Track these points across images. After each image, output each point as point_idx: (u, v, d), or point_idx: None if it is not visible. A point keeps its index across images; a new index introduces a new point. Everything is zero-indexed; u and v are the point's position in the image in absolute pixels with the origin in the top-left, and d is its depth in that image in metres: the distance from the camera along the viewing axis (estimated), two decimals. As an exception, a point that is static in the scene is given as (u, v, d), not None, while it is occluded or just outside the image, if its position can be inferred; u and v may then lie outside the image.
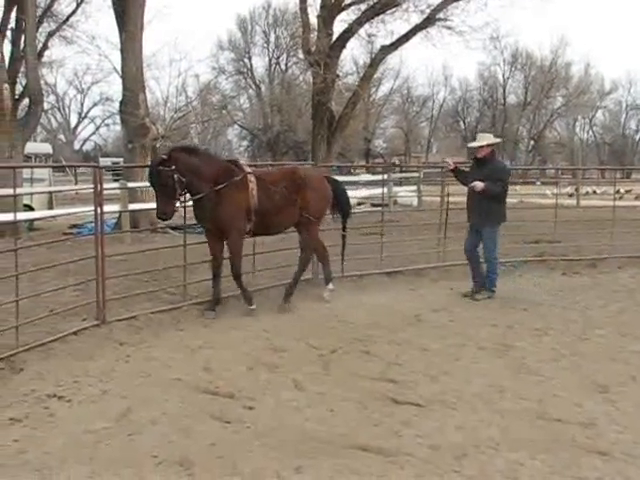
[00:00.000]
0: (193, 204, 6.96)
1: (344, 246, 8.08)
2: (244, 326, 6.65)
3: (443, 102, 62.15)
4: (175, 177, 6.52)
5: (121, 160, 27.00)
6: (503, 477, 3.65)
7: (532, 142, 59.84)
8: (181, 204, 6.84)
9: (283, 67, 52.85)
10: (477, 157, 7.99)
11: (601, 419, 4.40)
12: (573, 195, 23.80)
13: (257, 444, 4.00)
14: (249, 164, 7.88)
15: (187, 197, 6.89)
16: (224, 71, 50.61)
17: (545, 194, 21.62)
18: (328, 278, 7.86)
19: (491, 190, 7.68)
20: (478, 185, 7.69)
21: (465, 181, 8.01)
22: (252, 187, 7.00)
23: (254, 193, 6.99)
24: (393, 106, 58.90)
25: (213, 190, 6.77)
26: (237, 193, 6.90)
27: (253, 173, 7.17)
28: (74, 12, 21.90)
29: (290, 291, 7.44)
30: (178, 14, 61.22)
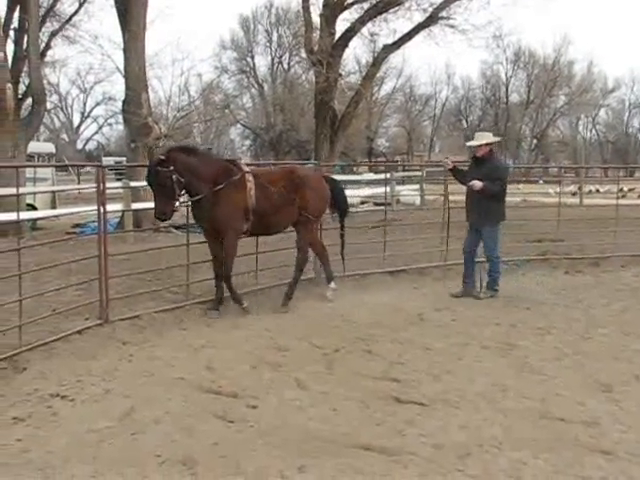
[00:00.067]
0: (191, 204, 6.96)
1: (343, 245, 8.06)
2: (247, 325, 6.65)
3: (446, 101, 62.16)
4: (174, 177, 6.49)
5: (124, 159, 27.06)
6: (506, 476, 3.65)
7: (535, 141, 59.75)
8: (180, 204, 6.81)
9: (286, 66, 52.89)
10: (476, 156, 7.96)
11: (604, 418, 4.40)
12: (576, 194, 23.77)
13: (260, 443, 4.00)
14: (247, 163, 7.87)
15: (186, 197, 6.88)
16: (227, 70, 50.65)
17: (548, 193, 21.60)
18: (329, 277, 7.86)
19: (490, 189, 7.66)
20: (476, 184, 7.67)
21: (464, 180, 7.98)
22: (250, 187, 6.97)
23: (252, 193, 6.96)
24: (396, 105, 58.85)
25: (211, 190, 6.74)
26: (235, 193, 6.86)
27: (251, 172, 7.14)
28: (77, 12, 21.96)
29: (290, 294, 7.42)
30: (181, 14, 61.36)
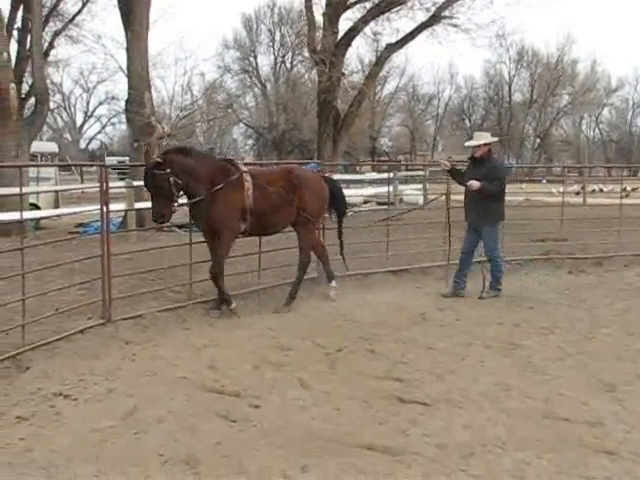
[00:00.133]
0: (190, 204, 6.93)
1: (342, 245, 8.04)
2: (249, 325, 6.65)
3: (449, 100, 62.00)
4: (171, 180, 6.47)
5: (127, 159, 27.09)
6: (510, 476, 3.64)
7: (538, 140, 59.60)
8: (178, 206, 6.76)
9: (288, 65, 52.86)
10: (474, 156, 7.96)
11: (608, 418, 4.38)
12: (579, 193, 23.70)
13: (263, 443, 4.00)
14: (247, 163, 7.84)
15: (184, 199, 6.84)
16: (229, 70, 50.62)
17: (551, 192, 21.57)
18: (330, 276, 7.84)
19: (487, 189, 7.64)
20: (474, 184, 7.65)
21: (462, 181, 7.95)
22: (248, 186, 6.93)
23: (250, 193, 6.93)
24: (399, 104, 58.79)
25: (209, 190, 6.70)
26: (232, 193, 6.82)
27: (249, 172, 7.10)
28: (80, 11, 21.99)
29: (293, 294, 7.41)
30: (184, 13, 61.29)
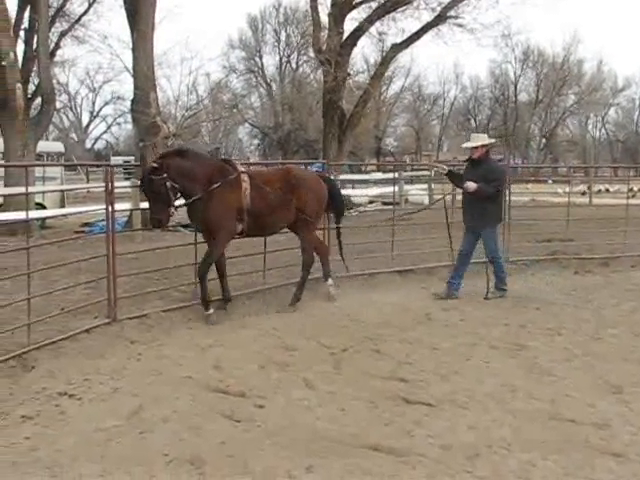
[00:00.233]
0: (187, 204, 6.87)
1: (341, 246, 8.00)
2: (254, 325, 6.65)
3: (454, 100, 61.83)
4: (168, 184, 6.44)
5: (132, 159, 27.16)
6: (515, 478, 3.62)
7: (544, 140, 59.43)
8: (175, 209, 6.71)
9: (294, 65, 52.84)
10: (472, 158, 7.93)
11: (615, 420, 4.36)
12: (585, 193, 23.65)
13: (268, 443, 3.99)
14: (249, 163, 7.80)
15: (181, 201, 6.81)
16: (235, 70, 50.67)
17: (557, 192, 21.51)
18: (327, 275, 7.79)
19: (484, 190, 7.61)
20: (471, 186, 7.63)
21: (460, 183, 7.92)
22: (245, 187, 6.87)
23: (247, 193, 6.87)
24: (404, 104, 58.69)
25: (206, 191, 6.65)
26: (228, 193, 6.76)
27: (247, 173, 7.05)
28: (86, 12, 22.07)
29: (298, 294, 7.40)
30: (189, 13, 61.56)
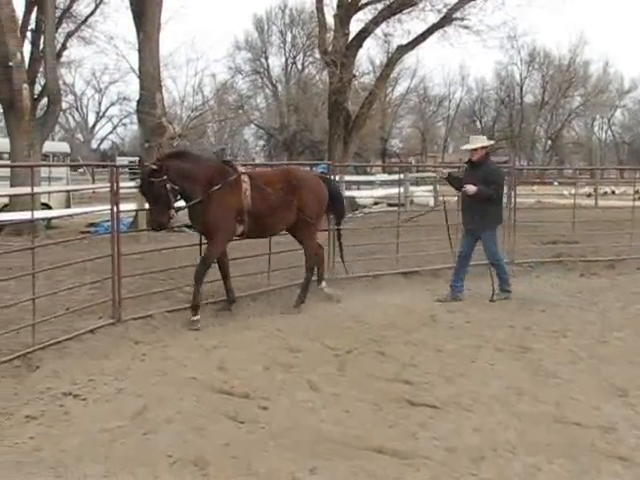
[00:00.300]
0: (187, 207, 6.83)
1: (341, 248, 7.98)
2: (259, 326, 6.64)
3: (460, 102, 61.76)
4: (167, 187, 6.40)
5: (138, 159, 27.18)
6: (520, 481, 3.61)
7: (549, 142, 59.29)
8: (176, 212, 6.66)
9: (300, 67, 52.79)
10: (471, 160, 7.92)
11: (621, 423, 4.33)
12: (591, 195, 23.60)
13: (272, 444, 3.99)
14: (242, 164, 7.77)
15: (181, 203, 6.78)
16: (241, 71, 50.67)
17: (563, 194, 21.45)
18: (321, 278, 7.78)
19: (484, 193, 7.60)
20: (470, 189, 7.62)
21: (459, 186, 7.90)
22: (245, 188, 6.84)
23: (248, 194, 6.83)
24: (409, 106, 58.57)
25: (206, 192, 6.61)
26: (228, 194, 6.72)
27: (248, 174, 7.01)
28: (93, 13, 22.16)
29: (303, 296, 7.39)
30: (195, 14, 61.68)
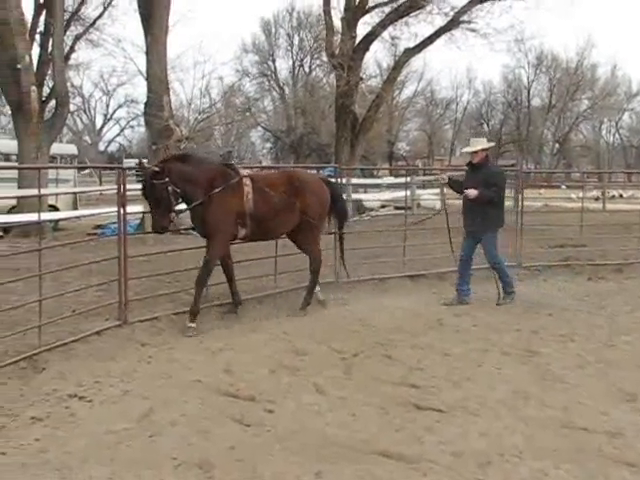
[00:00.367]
0: (189, 209, 6.82)
1: (342, 251, 7.96)
2: (265, 329, 6.63)
3: (467, 105, 61.61)
4: (169, 189, 6.38)
5: (145, 161, 27.25)
6: (527, 486, 3.58)
7: (557, 145, 59.09)
8: (177, 214, 6.66)
9: (307, 70, 52.83)
10: (472, 162, 7.90)
11: (628, 429, 4.29)
12: (599, 199, 23.50)
13: (277, 448, 3.97)
14: (245, 166, 7.76)
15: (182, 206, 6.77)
16: (248, 73, 50.70)
17: (570, 198, 21.38)
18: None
19: (485, 195, 7.59)
20: (471, 193, 7.60)
21: (461, 190, 7.87)
22: (247, 191, 6.81)
23: (250, 197, 6.80)
24: (416, 109, 58.52)
25: (207, 195, 6.59)
26: (229, 197, 6.69)
27: (249, 177, 6.98)
28: (101, 16, 22.30)
29: (309, 299, 7.39)
30: (203, 17, 61.68)
